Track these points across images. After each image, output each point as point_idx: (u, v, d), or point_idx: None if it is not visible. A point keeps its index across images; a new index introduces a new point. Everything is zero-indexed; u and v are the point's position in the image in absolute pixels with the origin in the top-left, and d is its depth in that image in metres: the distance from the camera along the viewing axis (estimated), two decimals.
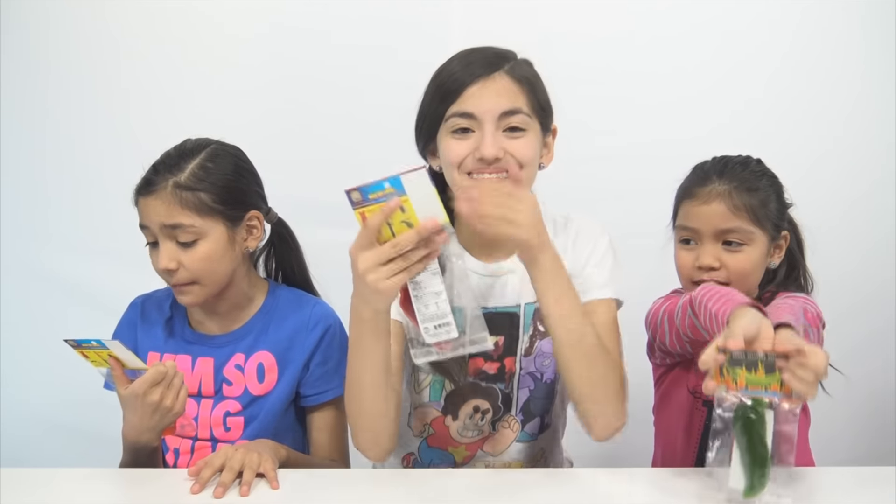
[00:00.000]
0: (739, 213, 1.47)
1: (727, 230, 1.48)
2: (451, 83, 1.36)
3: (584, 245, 1.46)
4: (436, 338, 1.18)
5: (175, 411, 1.37)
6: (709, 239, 1.49)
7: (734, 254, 1.48)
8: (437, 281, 1.16)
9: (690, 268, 1.51)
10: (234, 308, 1.57)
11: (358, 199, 1.12)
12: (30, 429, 2.40)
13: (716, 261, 1.47)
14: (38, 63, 2.39)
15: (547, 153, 1.45)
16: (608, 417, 1.34)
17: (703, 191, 1.50)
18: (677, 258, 1.55)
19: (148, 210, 1.46)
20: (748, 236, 1.48)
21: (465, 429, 1.51)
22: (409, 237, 1.12)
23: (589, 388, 1.31)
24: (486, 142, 1.33)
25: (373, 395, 1.30)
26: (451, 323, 1.17)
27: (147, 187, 1.47)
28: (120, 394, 1.38)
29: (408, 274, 1.15)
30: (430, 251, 1.15)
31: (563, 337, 1.29)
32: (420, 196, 1.11)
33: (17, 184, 2.42)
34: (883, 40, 2.29)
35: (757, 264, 1.50)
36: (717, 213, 1.48)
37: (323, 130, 2.34)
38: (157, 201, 1.45)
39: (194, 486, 1.26)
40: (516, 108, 1.35)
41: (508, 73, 1.37)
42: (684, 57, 2.30)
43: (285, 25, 2.35)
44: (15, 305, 2.42)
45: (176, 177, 1.45)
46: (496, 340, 1.44)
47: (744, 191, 1.49)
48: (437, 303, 1.17)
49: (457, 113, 1.35)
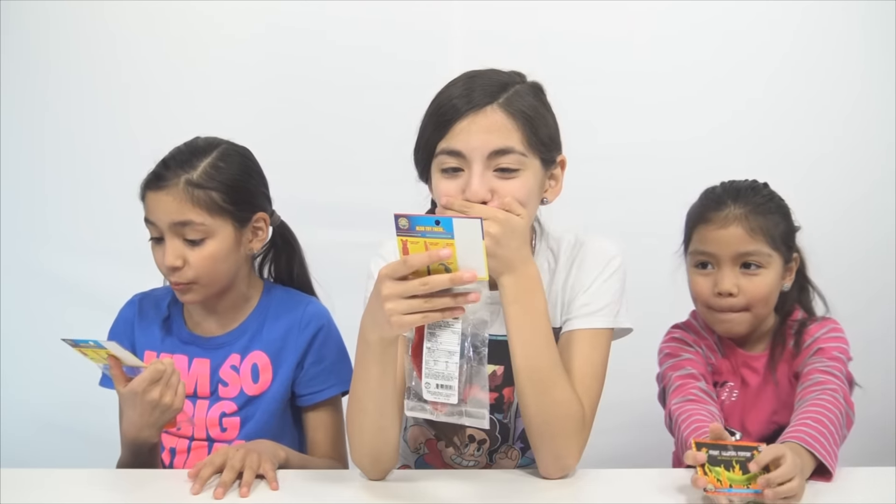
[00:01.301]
0: (757, 236, 1.49)
1: (746, 253, 1.50)
2: (444, 111, 1.29)
3: (588, 270, 1.40)
4: (434, 397, 1.14)
5: (175, 408, 1.37)
6: (727, 263, 1.50)
7: (752, 277, 1.50)
8: (455, 341, 1.13)
9: (708, 293, 1.52)
10: (232, 308, 1.57)
11: (405, 226, 1.09)
12: (29, 429, 2.40)
13: (734, 287, 1.49)
14: (38, 63, 2.39)
15: (554, 186, 1.37)
16: (557, 454, 1.30)
17: (720, 215, 1.52)
18: (693, 284, 1.56)
19: (157, 205, 1.45)
20: (766, 259, 1.50)
21: (459, 457, 1.48)
22: (441, 280, 1.08)
23: (539, 419, 1.27)
24: (473, 184, 1.26)
25: (375, 417, 1.28)
26: (454, 388, 1.12)
27: (157, 182, 1.46)
28: (119, 391, 1.38)
29: (425, 318, 1.10)
30: (455, 305, 1.10)
31: (519, 363, 1.26)
32: (466, 244, 1.07)
33: (17, 183, 2.42)
34: (883, 40, 2.29)
35: (774, 287, 1.53)
36: (735, 237, 1.50)
37: (321, 131, 2.34)
38: (167, 197, 1.44)
39: (194, 485, 1.26)
40: (507, 147, 1.27)
41: (503, 106, 1.28)
42: (684, 57, 2.30)
43: (283, 25, 2.35)
44: (14, 305, 2.42)
45: (188, 174, 1.45)
46: (495, 370, 1.42)
47: (759, 214, 1.51)
48: (447, 362, 1.13)
49: (445, 150, 1.28)
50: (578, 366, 1.33)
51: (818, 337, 1.52)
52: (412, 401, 1.15)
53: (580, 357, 1.34)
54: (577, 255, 1.42)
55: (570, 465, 1.32)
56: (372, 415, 1.27)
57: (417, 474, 1.43)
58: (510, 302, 1.25)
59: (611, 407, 1.46)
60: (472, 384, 1.13)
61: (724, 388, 1.57)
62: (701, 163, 2.15)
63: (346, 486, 1.32)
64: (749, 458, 1.19)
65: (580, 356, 1.34)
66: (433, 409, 1.15)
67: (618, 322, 1.39)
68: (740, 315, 1.52)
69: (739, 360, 1.57)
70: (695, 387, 1.49)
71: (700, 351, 1.58)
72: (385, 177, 1.90)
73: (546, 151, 1.32)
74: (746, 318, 1.52)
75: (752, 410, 1.55)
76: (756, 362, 1.57)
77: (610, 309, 1.38)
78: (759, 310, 1.52)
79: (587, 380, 1.33)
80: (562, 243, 1.44)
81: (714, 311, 1.53)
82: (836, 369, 1.45)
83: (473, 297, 1.09)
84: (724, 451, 1.21)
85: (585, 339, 1.36)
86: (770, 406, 1.55)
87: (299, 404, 1.57)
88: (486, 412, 1.13)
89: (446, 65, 2.20)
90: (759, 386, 1.56)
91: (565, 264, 1.42)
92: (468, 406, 1.13)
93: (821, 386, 1.42)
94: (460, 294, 1.09)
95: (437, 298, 1.09)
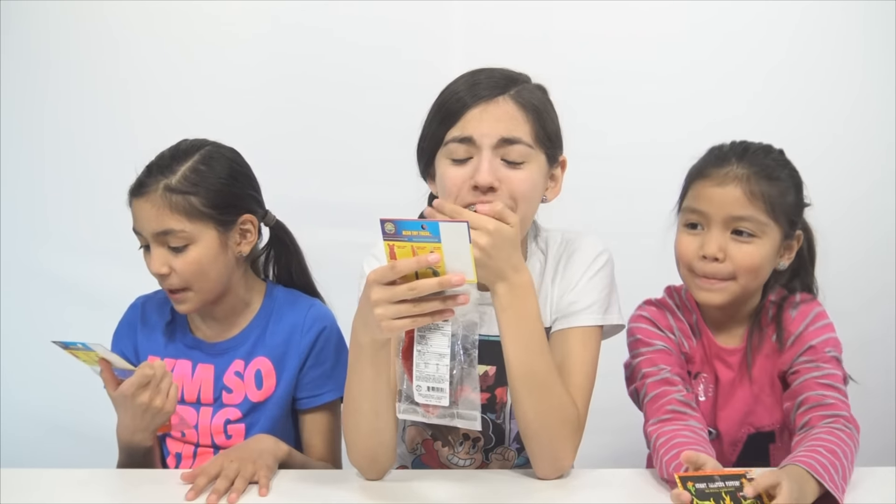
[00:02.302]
0: (755, 200, 1.37)
1: (739, 217, 1.37)
2: (452, 104, 1.30)
3: (575, 268, 1.40)
4: (426, 399, 1.14)
5: (165, 411, 1.36)
6: (717, 225, 1.38)
7: (742, 245, 1.38)
8: (445, 343, 1.13)
9: (692, 255, 1.40)
10: (232, 314, 1.56)
11: (391, 230, 1.08)
12: (29, 429, 2.40)
13: (721, 251, 1.37)
14: (38, 63, 2.39)
15: (553, 186, 1.38)
16: (554, 457, 1.30)
17: (720, 172, 1.40)
18: (679, 243, 1.44)
19: (140, 214, 1.46)
20: (760, 228, 1.38)
21: (455, 456, 1.48)
22: (429, 284, 1.07)
23: (535, 422, 1.27)
24: (482, 168, 1.27)
25: (371, 418, 1.28)
26: (445, 390, 1.12)
27: (139, 189, 1.46)
28: (110, 394, 1.38)
29: (414, 322, 1.10)
30: (444, 308, 1.10)
31: (514, 369, 1.26)
32: (454, 248, 1.07)
33: (17, 183, 2.42)
34: (883, 40, 2.29)
35: (765, 260, 1.40)
36: (730, 198, 1.37)
37: (323, 130, 2.34)
38: (147, 204, 1.44)
39: (189, 492, 1.26)
40: (516, 138, 1.28)
41: (514, 97, 1.30)
42: (684, 57, 2.30)
43: (285, 24, 2.35)
44: (14, 305, 2.42)
45: (167, 179, 1.44)
46: (487, 370, 1.42)
47: (763, 178, 1.38)
48: (437, 364, 1.13)
49: (455, 138, 1.29)
50: (569, 365, 1.33)
51: (803, 332, 1.41)
52: (404, 403, 1.15)
53: (570, 356, 1.34)
54: (564, 254, 1.43)
55: (566, 465, 1.32)
56: (367, 416, 1.28)
57: (414, 474, 1.43)
58: (503, 309, 1.24)
59: (606, 407, 1.46)
60: (463, 386, 1.13)
61: (698, 381, 1.47)
62: None
63: (344, 487, 1.32)
64: (738, 488, 1.13)
65: (570, 355, 1.34)
66: (425, 412, 1.15)
67: (607, 319, 1.39)
68: (723, 283, 1.39)
69: (713, 350, 1.47)
70: (672, 400, 1.38)
71: (672, 337, 1.46)
72: (387, 176, 1.90)
73: (551, 147, 1.34)
74: (729, 288, 1.39)
75: (724, 409, 1.46)
76: (730, 357, 1.46)
77: (598, 306, 1.38)
78: (745, 281, 1.39)
79: (578, 378, 1.33)
80: (550, 243, 1.45)
81: (696, 275, 1.41)
82: (835, 379, 1.37)
83: (462, 299, 1.10)
84: (711, 482, 1.14)
85: (575, 337, 1.36)
86: (744, 405, 1.45)
87: (297, 407, 1.56)
88: (477, 414, 1.14)
89: (448, 64, 2.20)
90: (731, 382, 1.46)
91: (553, 264, 1.43)
92: (460, 408, 1.13)
93: (831, 412, 1.33)
94: (449, 297, 1.09)
95: (425, 302, 1.09)
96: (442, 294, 1.09)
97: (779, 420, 1.45)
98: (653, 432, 1.36)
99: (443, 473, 1.43)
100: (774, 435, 1.47)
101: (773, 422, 1.46)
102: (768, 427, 1.46)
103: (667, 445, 1.31)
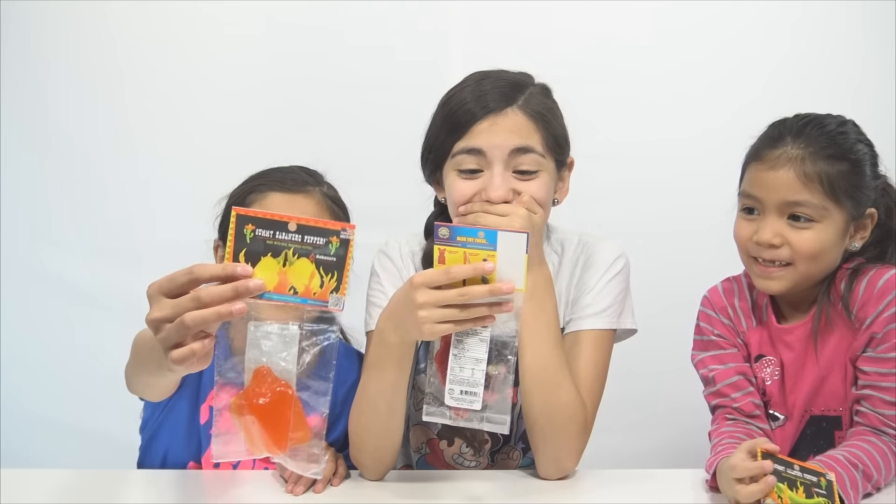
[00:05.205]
0: (811, 183, 1.27)
1: (794, 203, 1.28)
2: (460, 115, 1.29)
3: (593, 271, 1.40)
4: (457, 403, 1.13)
5: (184, 339, 0.94)
6: (772, 211, 1.30)
7: (800, 231, 1.28)
8: (483, 349, 1.13)
9: (748, 240, 1.33)
10: None
11: (445, 235, 1.09)
12: (30, 429, 2.40)
13: (777, 237, 1.29)
14: (38, 63, 2.39)
15: (562, 187, 1.39)
16: (557, 456, 1.30)
17: (773, 154, 1.31)
18: (736, 228, 1.36)
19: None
20: (819, 212, 1.27)
21: (460, 457, 1.48)
22: (480, 291, 1.07)
23: (543, 420, 1.28)
24: (495, 183, 1.27)
25: (385, 419, 1.28)
26: (478, 395, 1.13)
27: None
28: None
29: (457, 327, 1.10)
30: (489, 314, 1.10)
31: (528, 362, 1.26)
32: (509, 258, 1.08)
33: (18, 183, 2.42)
34: (883, 40, 2.28)
35: (828, 245, 1.29)
36: (784, 182, 1.28)
37: (323, 131, 2.34)
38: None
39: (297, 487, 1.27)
40: (528, 147, 1.28)
41: (522, 107, 1.30)
42: (684, 57, 2.30)
43: (284, 25, 2.35)
44: (15, 305, 2.42)
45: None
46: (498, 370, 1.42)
47: (821, 158, 1.28)
48: (473, 369, 1.13)
49: (464, 149, 1.29)
50: (581, 366, 1.33)
51: (881, 315, 1.27)
52: (432, 406, 1.15)
53: (583, 358, 1.34)
54: (582, 256, 1.43)
55: (568, 467, 1.32)
56: (383, 416, 1.28)
57: (417, 474, 1.44)
58: (525, 300, 1.24)
59: (613, 407, 1.46)
60: (496, 391, 1.14)
61: (761, 364, 1.38)
62: (701, 162, 2.16)
63: (346, 486, 1.32)
64: (815, 483, 1.12)
65: (583, 357, 1.34)
66: (454, 415, 1.15)
67: (621, 323, 1.40)
68: (782, 271, 1.30)
69: (774, 332, 1.38)
70: (731, 412, 1.36)
71: (726, 322, 1.41)
72: (388, 176, 1.90)
73: (560, 153, 1.35)
74: (787, 275, 1.30)
75: (793, 392, 1.36)
76: (788, 335, 1.36)
77: (613, 310, 1.38)
78: (804, 267, 1.29)
79: (589, 380, 1.33)
80: (566, 244, 1.45)
81: (754, 261, 1.33)
82: None
83: (508, 307, 1.10)
84: (790, 468, 1.12)
85: (588, 339, 1.36)
86: (809, 387, 1.34)
87: None
88: (507, 418, 1.14)
89: (448, 64, 2.22)
90: (796, 362, 1.35)
91: (569, 265, 1.43)
92: (490, 412, 1.14)
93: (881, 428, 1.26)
94: (495, 304, 1.10)
95: (472, 308, 1.09)
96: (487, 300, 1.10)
97: (845, 406, 1.34)
98: (714, 435, 1.35)
99: (446, 473, 1.43)
100: (840, 421, 1.36)
101: (840, 407, 1.35)
102: (833, 412, 1.36)
103: (722, 439, 1.30)
